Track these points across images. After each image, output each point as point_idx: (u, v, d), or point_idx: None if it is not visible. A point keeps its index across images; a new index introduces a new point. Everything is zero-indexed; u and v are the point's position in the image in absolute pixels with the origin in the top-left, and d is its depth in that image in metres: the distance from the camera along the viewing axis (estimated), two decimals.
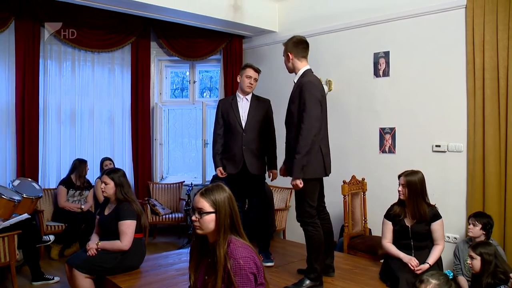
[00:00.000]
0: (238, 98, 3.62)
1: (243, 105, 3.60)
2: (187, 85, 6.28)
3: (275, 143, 3.69)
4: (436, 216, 2.98)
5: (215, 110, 3.71)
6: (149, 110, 5.77)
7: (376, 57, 4.41)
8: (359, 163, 4.52)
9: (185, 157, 6.41)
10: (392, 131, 4.30)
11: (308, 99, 2.77)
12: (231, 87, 5.66)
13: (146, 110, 5.71)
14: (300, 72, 2.95)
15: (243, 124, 3.53)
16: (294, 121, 2.85)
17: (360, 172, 4.25)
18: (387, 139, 4.33)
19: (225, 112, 3.59)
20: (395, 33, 4.27)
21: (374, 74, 4.43)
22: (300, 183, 2.79)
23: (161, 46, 5.85)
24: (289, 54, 2.96)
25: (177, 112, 6.33)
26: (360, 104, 4.56)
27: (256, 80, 3.61)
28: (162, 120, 6.06)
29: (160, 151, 6.03)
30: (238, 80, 3.64)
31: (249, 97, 3.63)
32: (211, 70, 6.39)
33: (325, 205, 3.15)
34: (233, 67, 5.68)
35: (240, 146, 3.50)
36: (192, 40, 5.71)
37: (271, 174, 3.73)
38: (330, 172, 2.99)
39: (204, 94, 6.42)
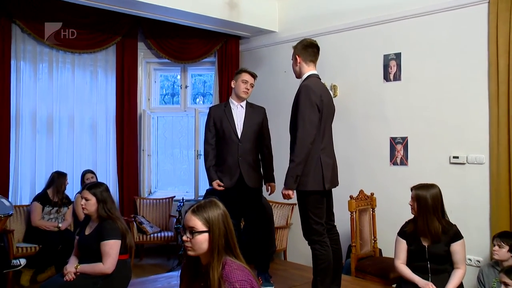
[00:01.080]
0: (232, 105, 3.66)
1: (238, 113, 3.64)
2: (178, 90, 6.27)
3: (271, 153, 3.75)
4: (457, 235, 2.93)
5: (207, 117, 3.73)
6: (136, 117, 5.74)
7: (386, 59, 4.41)
8: (368, 176, 4.49)
9: (175, 169, 6.38)
10: (404, 141, 4.28)
11: (303, 103, 2.84)
12: (226, 93, 5.66)
13: (132, 118, 5.68)
14: (304, 77, 3.03)
15: (239, 133, 3.57)
16: (293, 128, 2.93)
17: (368, 186, 4.22)
18: (398, 150, 4.31)
19: (218, 120, 3.62)
20: (407, 32, 4.26)
21: (384, 78, 4.43)
22: (291, 194, 2.88)
23: (149, 47, 5.84)
24: (297, 57, 3.06)
25: (167, 120, 6.32)
26: (368, 111, 4.55)
27: (252, 85, 3.66)
28: (150, 128, 6.03)
29: (148, 163, 6.00)
30: (233, 85, 3.69)
31: (243, 104, 3.68)
32: (204, 74, 6.39)
33: (335, 223, 3.14)
34: (229, 71, 5.67)
35: (235, 157, 3.52)
36: (183, 41, 5.71)
37: (269, 187, 3.74)
38: (332, 186, 3.01)
39: (197, 100, 6.42)
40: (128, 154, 5.63)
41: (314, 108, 2.84)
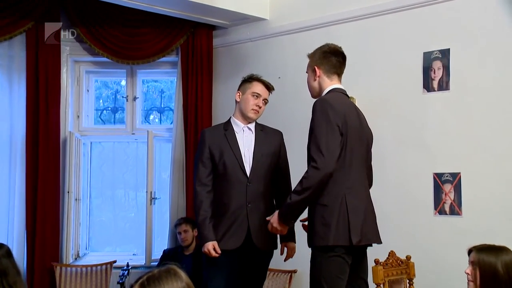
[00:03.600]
0: (235, 127, 3.81)
1: (245, 139, 3.79)
2: (122, 103, 6.26)
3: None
4: None
5: (199, 146, 3.84)
6: (57, 143, 5.69)
7: (428, 59, 4.41)
8: (402, 231, 4.46)
9: (118, 220, 6.38)
10: (455, 179, 4.26)
11: (317, 123, 3.02)
12: (194, 107, 5.73)
13: (52, 144, 5.62)
14: (324, 92, 3.25)
15: (248, 168, 3.70)
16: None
17: (403, 246, 4.17)
18: (447, 192, 4.30)
19: (217, 148, 3.73)
20: (460, 18, 4.26)
21: (424, 87, 4.45)
22: (280, 228, 3.18)
23: (79, 40, 5.80)
24: (316, 68, 3.27)
25: (105, 147, 6.31)
26: (401, 135, 4.56)
27: (266, 102, 3.84)
28: (80, 160, 5.99)
29: (76, 211, 5.91)
30: (237, 99, 3.84)
31: (252, 126, 3.84)
32: (162, 80, 6.44)
33: None
34: (198, 75, 5.71)
35: (242, 204, 3.64)
36: (131, 31, 5.74)
37: (285, 248, 3.83)
38: (366, 242, 3.12)
39: (151, 117, 6.47)
40: (44, 199, 5.53)
41: (333, 130, 2.97)
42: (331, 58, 3.25)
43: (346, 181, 3.06)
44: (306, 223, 3.31)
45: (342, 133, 3.01)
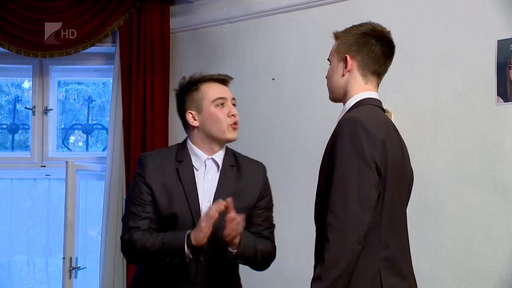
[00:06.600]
0: (194, 159, 3.55)
1: (207, 182, 3.54)
2: (27, 118, 6.41)
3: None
4: None
5: (134, 180, 3.57)
6: None
7: (505, 51, 4.37)
8: None
9: None
10: None
11: (347, 153, 2.90)
12: (142, 124, 5.80)
13: None
14: (351, 102, 3.14)
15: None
16: (324, 211, 2.96)
17: None
18: None
19: (162, 192, 3.48)
20: None
21: (498, 95, 4.41)
22: None
23: None
24: (348, 58, 3.13)
25: None
26: (463, 169, 4.52)
27: (234, 102, 3.64)
28: None
29: None
30: (194, 123, 3.52)
31: (219, 157, 3.57)
32: (89, 82, 6.66)
33: None
34: (147, 73, 5.80)
35: (190, 285, 3.47)
36: (41, 7, 5.77)
37: None
38: None
39: (72, 140, 6.63)
40: None
41: (368, 170, 2.86)
42: (374, 47, 3.07)
43: (382, 248, 2.94)
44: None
45: (380, 172, 2.89)
